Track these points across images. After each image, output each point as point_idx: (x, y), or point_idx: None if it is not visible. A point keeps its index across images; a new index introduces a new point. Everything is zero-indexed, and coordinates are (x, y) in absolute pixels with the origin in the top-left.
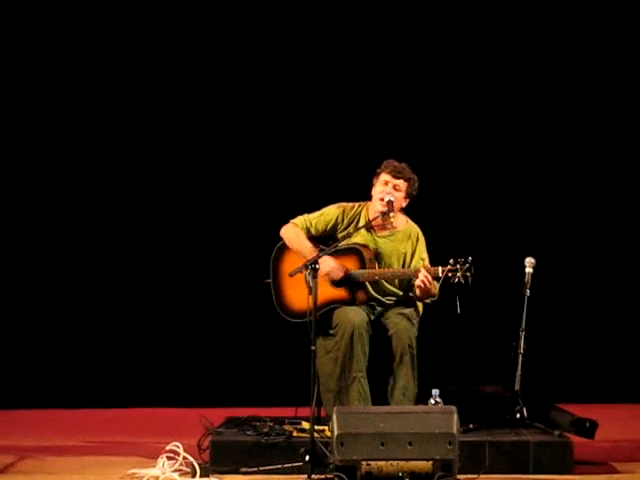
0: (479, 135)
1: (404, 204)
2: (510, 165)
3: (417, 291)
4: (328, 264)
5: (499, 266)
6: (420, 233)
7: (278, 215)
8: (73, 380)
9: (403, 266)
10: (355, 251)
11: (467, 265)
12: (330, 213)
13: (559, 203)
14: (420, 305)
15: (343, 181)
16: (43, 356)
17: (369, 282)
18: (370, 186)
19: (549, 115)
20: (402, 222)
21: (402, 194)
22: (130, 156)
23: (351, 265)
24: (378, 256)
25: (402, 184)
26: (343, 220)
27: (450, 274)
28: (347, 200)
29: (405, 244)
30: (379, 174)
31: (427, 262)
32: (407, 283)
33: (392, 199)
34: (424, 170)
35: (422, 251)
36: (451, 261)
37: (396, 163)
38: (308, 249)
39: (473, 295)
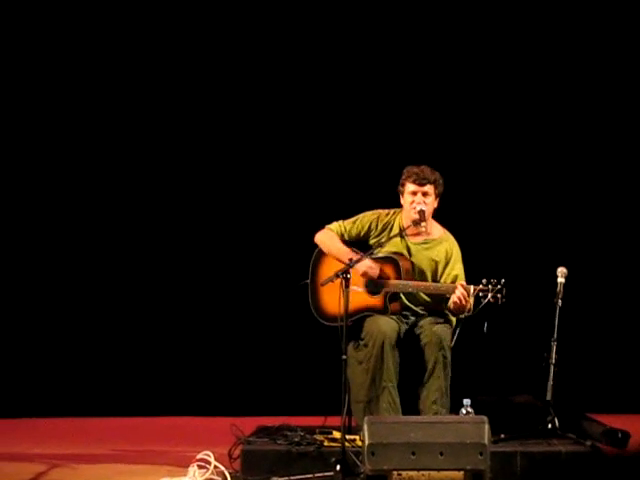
0: (510, 145)
1: (436, 205)
2: (544, 176)
3: (452, 306)
4: (364, 264)
5: (531, 276)
6: (456, 245)
7: (313, 219)
8: (105, 388)
9: (434, 274)
10: (392, 261)
11: (499, 287)
12: (364, 220)
13: (592, 213)
14: (453, 319)
15: (378, 187)
16: (76, 365)
17: (403, 293)
18: (397, 193)
19: (582, 126)
20: (438, 231)
21: (432, 198)
22: (154, 156)
23: (387, 274)
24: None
25: (429, 188)
26: (377, 226)
27: (481, 294)
28: (382, 207)
29: (438, 252)
30: (403, 184)
31: (461, 277)
32: (439, 297)
33: (424, 208)
34: (457, 181)
35: (455, 263)
36: (484, 281)
37: (416, 169)
38: (344, 252)
39: (505, 305)
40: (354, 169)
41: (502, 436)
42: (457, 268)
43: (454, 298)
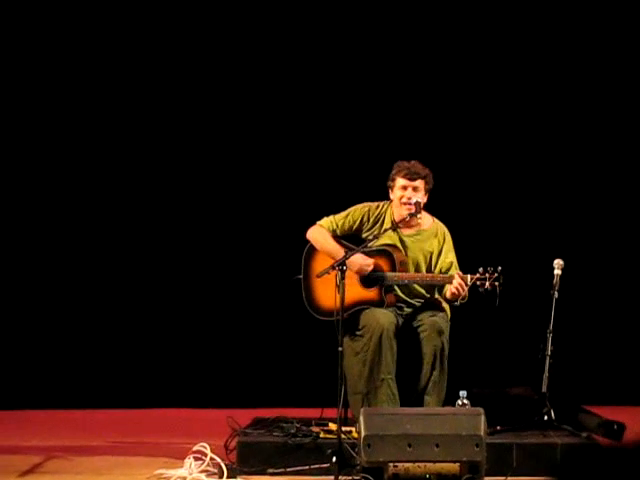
0: (507, 137)
1: (425, 200)
2: (541, 167)
3: (448, 294)
4: (357, 261)
5: (528, 268)
6: (447, 232)
7: (306, 213)
8: (101, 380)
9: (429, 265)
10: (386, 253)
11: (496, 275)
12: (356, 213)
13: (589, 205)
14: (448, 309)
15: (369, 180)
16: (72, 356)
17: (397, 285)
18: (387, 187)
19: (578, 118)
20: (428, 221)
21: (422, 193)
22: (151, 153)
23: (382, 267)
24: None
25: (420, 184)
26: (369, 220)
27: (479, 282)
28: (372, 199)
29: (431, 242)
30: (394, 179)
31: (455, 263)
32: (434, 286)
33: (419, 200)
34: (454, 172)
35: (449, 250)
36: (480, 270)
37: (407, 164)
38: (335, 249)
39: (501, 297)
40: (343, 163)
41: (498, 428)
42: (451, 255)
43: (452, 289)
